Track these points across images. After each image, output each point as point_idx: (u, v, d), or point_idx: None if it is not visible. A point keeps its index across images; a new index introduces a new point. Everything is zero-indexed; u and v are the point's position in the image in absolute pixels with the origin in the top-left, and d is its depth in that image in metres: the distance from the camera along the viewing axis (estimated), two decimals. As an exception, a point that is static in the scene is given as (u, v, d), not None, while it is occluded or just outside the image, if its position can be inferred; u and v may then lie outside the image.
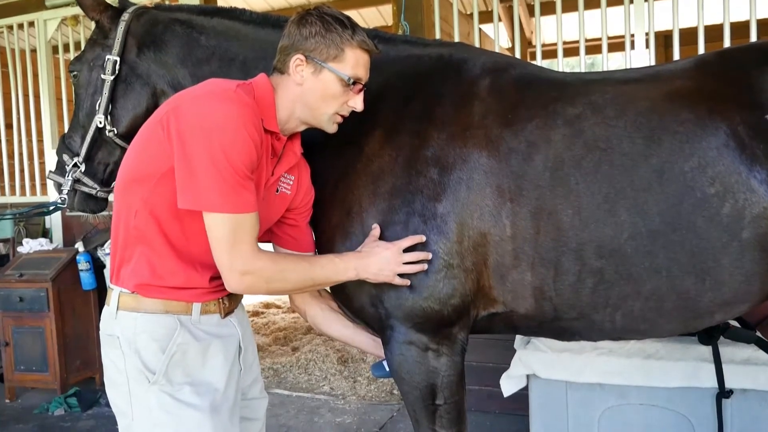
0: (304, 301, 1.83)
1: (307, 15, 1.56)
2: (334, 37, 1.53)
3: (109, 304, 1.52)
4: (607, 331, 1.63)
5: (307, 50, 1.53)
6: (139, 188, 1.46)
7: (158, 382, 1.45)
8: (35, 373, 4.07)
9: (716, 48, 1.92)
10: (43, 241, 4.40)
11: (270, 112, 1.54)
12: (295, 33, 1.55)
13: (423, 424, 1.70)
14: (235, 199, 1.39)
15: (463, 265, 1.58)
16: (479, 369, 3.38)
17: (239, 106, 1.41)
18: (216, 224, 1.40)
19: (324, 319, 1.83)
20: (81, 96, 1.97)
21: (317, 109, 1.58)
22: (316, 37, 1.53)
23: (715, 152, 1.47)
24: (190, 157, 1.37)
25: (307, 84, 1.55)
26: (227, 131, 1.37)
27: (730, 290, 1.51)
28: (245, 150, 1.39)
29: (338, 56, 1.54)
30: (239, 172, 1.38)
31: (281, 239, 1.77)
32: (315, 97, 1.56)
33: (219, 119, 1.38)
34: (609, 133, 1.55)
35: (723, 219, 1.46)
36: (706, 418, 2.48)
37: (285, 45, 1.57)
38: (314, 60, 1.53)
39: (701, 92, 1.54)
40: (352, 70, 1.55)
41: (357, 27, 1.57)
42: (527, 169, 1.57)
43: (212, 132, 1.37)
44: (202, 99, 1.43)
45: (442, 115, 1.66)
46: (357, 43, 1.55)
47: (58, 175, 2.00)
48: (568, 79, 1.74)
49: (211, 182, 1.36)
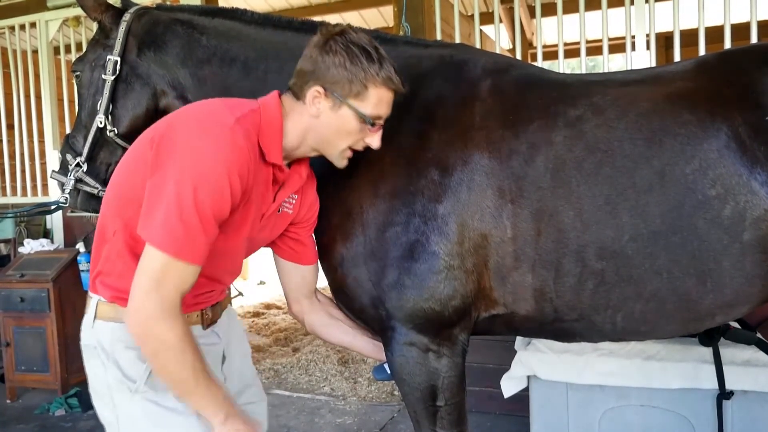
0: (302, 310, 1.80)
1: (332, 40, 1.45)
2: (359, 72, 1.43)
3: (88, 311, 1.47)
4: (607, 332, 1.63)
5: (327, 83, 1.44)
6: (124, 209, 1.41)
7: (140, 390, 1.40)
8: (36, 374, 4.08)
9: (717, 49, 1.92)
10: (44, 242, 4.40)
11: (275, 142, 1.46)
12: (316, 59, 1.45)
13: (424, 425, 1.70)
14: (183, 243, 1.27)
15: (463, 266, 1.58)
16: (480, 370, 3.39)
17: (230, 150, 1.31)
18: (149, 255, 1.28)
19: (323, 326, 1.81)
20: (83, 96, 1.97)
21: (330, 143, 1.51)
22: (339, 69, 1.43)
23: (716, 154, 1.47)
24: (161, 185, 1.29)
25: (323, 117, 1.47)
26: (207, 174, 1.28)
27: (731, 292, 1.51)
28: (220, 198, 1.30)
29: (360, 93, 1.45)
30: (203, 218, 1.28)
31: (282, 250, 1.74)
32: (330, 131, 1.49)
33: (203, 159, 1.29)
34: (610, 134, 1.55)
35: (724, 221, 1.46)
36: (707, 419, 2.48)
37: (304, 69, 1.47)
38: (334, 95, 1.45)
39: (702, 94, 1.54)
40: (374, 109, 1.48)
41: (384, 60, 1.47)
42: (528, 171, 1.56)
43: (191, 169, 1.28)
44: (194, 131, 1.33)
45: (443, 116, 1.66)
46: (382, 80, 1.46)
47: (61, 174, 2.01)
48: (569, 80, 1.74)
49: (167, 217, 1.26)
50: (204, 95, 1.86)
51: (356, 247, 1.64)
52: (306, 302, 1.80)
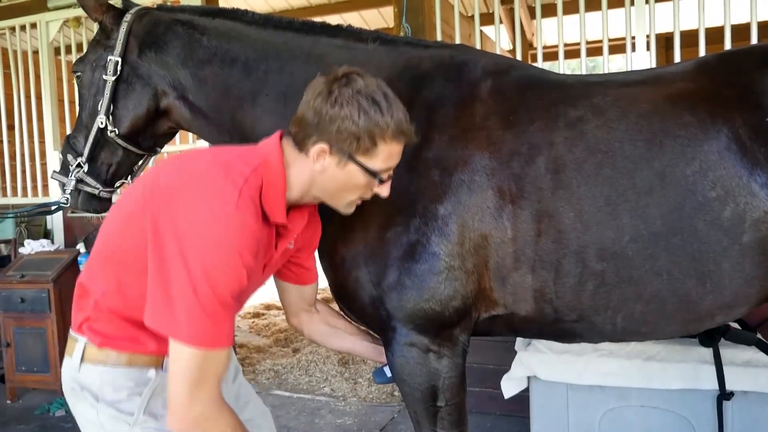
0: (300, 322, 1.78)
1: (336, 89, 1.32)
2: (368, 128, 1.31)
3: (72, 355, 1.40)
4: (608, 333, 1.63)
5: (332, 139, 1.32)
6: (115, 270, 1.35)
7: (139, 422, 1.37)
8: (36, 374, 4.07)
9: (717, 50, 1.92)
10: (44, 242, 4.40)
11: (279, 204, 1.37)
12: (320, 110, 1.32)
13: (424, 426, 1.70)
14: (211, 332, 1.22)
15: (464, 267, 1.58)
16: (480, 370, 3.39)
17: (240, 234, 1.23)
18: (182, 356, 1.21)
19: (322, 336, 1.80)
20: (84, 96, 1.98)
21: (336, 196, 1.44)
22: (346, 124, 1.30)
23: (717, 156, 1.47)
24: (168, 272, 1.20)
25: (328, 172, 1.37)
26: (222, 263, 1.21)
27: (731, 293, 1.51)
28: (234, 278, 1.23)
29: (369, 150, 1.34)
30: (222, 301, 1.22)
31: (282, 274, 1.71)
32: (336, 186, 1.40)
33: (215, 247, 1.20)
34: (611, 135, 1.55)
35: (724, 223, 1.46)
36: (707, 420, 2.48)
37: (306, 120, 1.34)
38: (340, 152, 1.34)
39: (703, 95, 1.54)
40: (383, 164, 1.38)
41: (395, 109, 1.35)
42: (528, 172, 1.56)
43: (204, 259, 1.20)
44: (199, 213, 1.23)
45: (443, 117, 1.66)
46: (392, 135, 1.34)
47: (62, 174, 2.01)
48: (569, 81, 1.74)
49: (186, 309, 1.19)
50: (205, 95, 1.87)
51: (357, 247, 1.64)
52: (305, 315, 1.78)
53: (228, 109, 1.86)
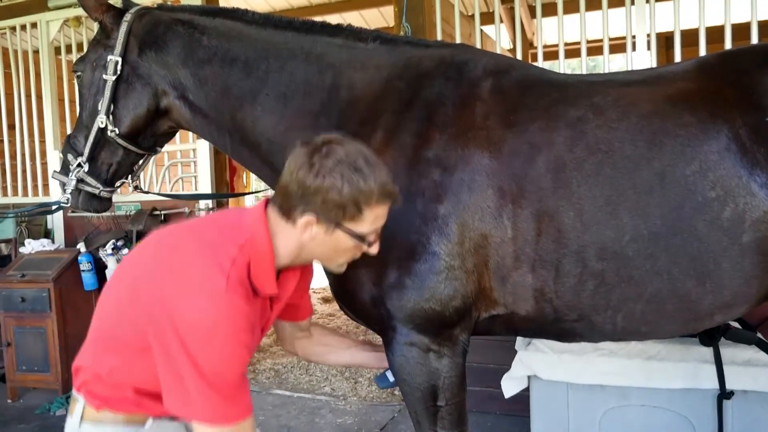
0: (295, 347, 1.81)
1: (320, 161, 1.31)
2: (353, 196, 1.32)
3: (72, 414, 1.43)
4: (608, 332, 1.63)
5: (318, 210, 1.33)
6: (113, 354, 1.37)
7: None
8: (37, 374, 4.07)
9: (717, 49, 1.92)
10: (44, 242, 4.40)
11: (268, 278, 1.38)
12: (303, 181, 1.32)
13: (424, 426, 1.70)
14: (231, 410, 1.28)
15: (464, 267, 1.58)
16: (480, 370, 3.39)
17: (235, 319, 1.26)
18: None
19: (317, 356, 1.84)
20: (84, 96, 1.98)
21: (326, 259, 1.46)
22: (331, 194, 1.31)
23: (717, 156, 1.47)
24: (177, 367, 1.25)
25: (317, 240, 1.38)
26: (217, 345, 1.25)
27: (730, 293, 1.51)
28: (238, 360, 1.28)
29: (356, 216, 1.35)
30: (233, 382, 1.28)
31: (285, 314, 1.71)
32: (326, 251, 1.42)
33: (208, 331, 1.24)
34: (611, 135, 1.55)
35: (723, 223, 1.46)
36: (707, 419, 2.48)
37: (290, 191, 1.34)
38: (328, 221, 1.35)
39: (703, 94, 1.54)
40: (371, 227, 1.39)
41: (377, 171, 1.35)
42: (529, 171, 1.57)
43: (200, 344, 1.24)
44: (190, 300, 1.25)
45: (443, 117, 1.66)
46: (377, 199, 1.35)
47: (62, 174, 2.01)
48: (570, 80, 1.74)
49: (203, 398, 1.25)
50: (205, 95, 1.87)
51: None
52: (299, 341, 1.81)
53: (228, 109, 1.86)
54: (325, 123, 1.78)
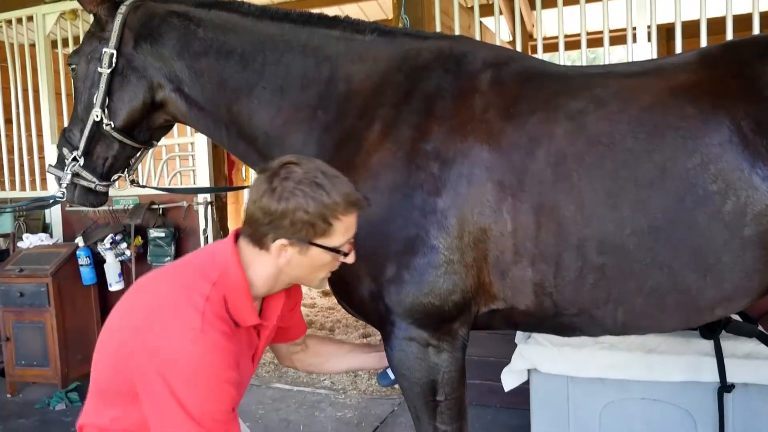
0: (292, 361, 1.85)
1: (280, 184, 1.33)
2: (320, 212, 1.34)
3: None
4: (608, 327, 1.62)
5: (288, 233, 1.35)
6: (111, 405, 1.38)
7: None
8: (36, 368, 4.06)
9: (718, 41, 1.90)
10: (43, 236, 4.38)
11: (246, 309, 1.40)
12: (268, 208, 1.34)
13: (424, 420, 1.69)
14: None
15: (463, 261, 1.57)
16: (480, 363, 3.38)
17: (209, 349, 1.27)
18: None
19: (315, 367, 1.88)
20: (79, 89, 1.96)
21: (307, 278, 1.48)
22: (298, 215, 1.33)
23: (718, 149, 1.45)
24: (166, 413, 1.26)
25: (293, 262, 1.40)
26: (201, 385, 1.26)
27: (731, 286, 1.50)
28: (225, 396, 1.29)
29: (327, 231, 1.37)
30: (222, 419, 1.29)
31: (278, 338, 1.74)
32: (304, 270, 1.44)
33: (190, 372, 1.25)
34: (612, 128, 1.53)
35: (725, 216, 1.45)
36: (708, 412, 2.47)
37: (258, 219, 1.36)
38: (300, 241, 1.37)
39: (705, 86, 1.53)
40: (343, 237, 1.41)
41: (339, 184, 1.37)
42: (529, 164, 1.55)
43: (184, 387, 1.25)
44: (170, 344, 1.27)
45: (442, 109, 1.64)
46: (344, 210, 1.37)
47: (57, 168, 2.00)
48: (570, 72, 1.72)
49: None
50: (201, 88, 1.86)
51: (355, 241, 1.63)
52: (296, 356, 1.84)
53: (224, 102, 1.84)
54: (323, 116, 1.76)
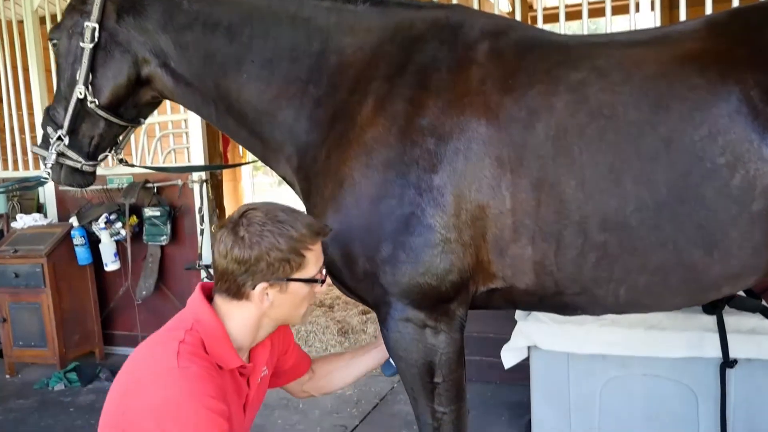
0: (308, 393, 1.90)
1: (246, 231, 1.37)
2: (291, 246, 1.38)
3: None
4: (610, 305, 1.58)
5: (267, 275, 1.39)
6: None
7: None
8: (34, 349, 4.06)
9: (723, 9, 1.82)
10: (37, 216, 4.34)
11: (226, 350, 1.42)
12: (242, 257, 1.37)
13: (421, 402, 1.66)
14: None
15: (460, 240, 1.52)
16: (480, 340, 3.36)
17: (188, 380, 1.29)
18: None
19: (327, 387, 1.90)
20: (62, 66, 1.89)
21: (290, 317, 1.51)
22: (273, 254, 1.37)
23: (727, 120, 1.40)
24: None
25: (276, 302, 1.44)
26: (191, 414, 1.27)
27: (738, 263, 1.46)
28: (214, 427, 1.29)
29: (301, 263, 1.41)
30: None
31: (279, 383, 1.78)
32: (287, 309, 1.47)
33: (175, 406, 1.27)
34: (614, 99, 1.47)
35: (733, 190, 1.40)
36: (709, 388, 2.45)
37: (232, 271, 1.39)
38: (279, 280, 1.40)
39: (712, 54, 1.46)
40: (315, 267, 1.46)
41: (299, 216, 1.44)
42: (528, 139, 1.50)
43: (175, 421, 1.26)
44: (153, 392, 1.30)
45: (438, 82, 1.58)
46: (311, 239, 1.42)
47: (42, 148, 1.93)
48: (571, 42, 1.66)
49: None
50: (187, 62, 1.79)
51: (349, 220, 1.58)
52: (307, 386, 1.87)
53: (212, 77, 1.78)
54: (314, 90, 1.70)
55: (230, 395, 1.43)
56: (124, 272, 4.15)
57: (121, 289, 4.27)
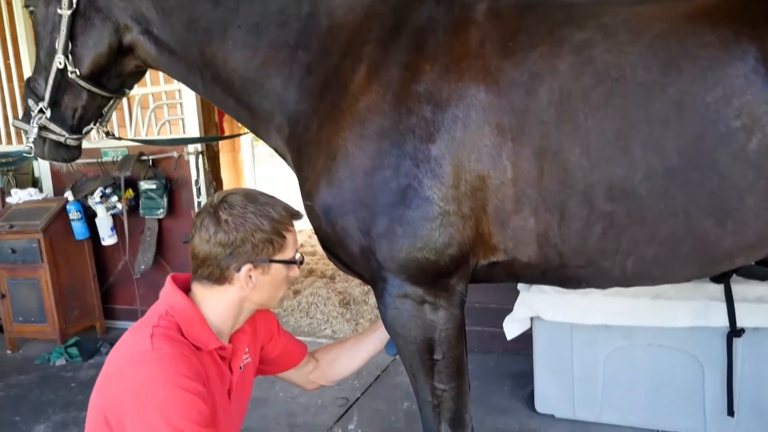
0: (316, 384, 1.91)
1: (228, 215, 1.40)
2: (274, 227, 1.43)
3: None
4: (616, 278, 1.53)
5: (251, 256, 1.41)
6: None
7: None
8: (34, 324, 4.04)
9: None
10: (32, 191, 4.29)
11: (203, 331, 1.43)
12: (226, 240, 1.39)
13: (421, 380, 1.62)
14: None
15: (460, 212, 1.46)
16: (482, 310, 3.32)
17: (163, 360, 1.30)
18: None
19: (334, 375, 1.90)
20: (40, 34, 1.82)
21: (269, 300, 1.53)
22: (257, 235, 1.40)
23: (743, 80, 1.32)
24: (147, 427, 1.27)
25: (258, 284, 1.45)
26: (163, 395, 1.27)
27: (755, 233, 1.39)
28: (190, 408, 1.28)
29: (282, 244, 1.45)
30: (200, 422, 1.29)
31: (274, 370, 1.78)
32: (267, 291, 1.49)
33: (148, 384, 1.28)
34: (622, 60, 1.40)
35: (749, 155, 1.33)
36: (715, 357, 2.42)
37: (216, 255, 1.40)
38: (262, 261, 1.43)
39: (726, 11, 1.38)
40: (293, 249, 1.49)
41: (275, 199, 1.47)
42: (530, 104, 1.42)
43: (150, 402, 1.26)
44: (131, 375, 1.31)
45: (434, 45, 1.51)
46: (290, 220, 1.47)
47: (23, 122, 1.86)
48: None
49: None
50: (170, 29, 1.71)
51: (343, 193, 1.52)
52: (312, 375, 1.88)
53: (196, 44, 1.69)
54: (304, 56, 1.62)
55: (212, 379, 1.43)
56: (122, 246, 4.11)
57: (120, 263, 4.23)
